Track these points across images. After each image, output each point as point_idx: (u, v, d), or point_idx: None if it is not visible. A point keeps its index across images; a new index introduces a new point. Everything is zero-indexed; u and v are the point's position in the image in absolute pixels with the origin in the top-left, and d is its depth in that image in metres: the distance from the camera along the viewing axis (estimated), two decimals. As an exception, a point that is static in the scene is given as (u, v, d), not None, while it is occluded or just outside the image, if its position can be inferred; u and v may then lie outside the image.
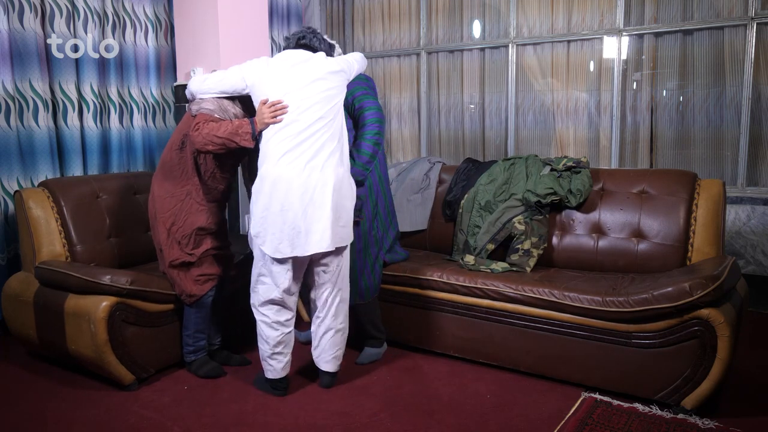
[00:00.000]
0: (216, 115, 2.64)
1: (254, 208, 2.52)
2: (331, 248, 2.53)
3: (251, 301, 2.65)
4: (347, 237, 2.64)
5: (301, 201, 2.46)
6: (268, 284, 2.57)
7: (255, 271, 2.62)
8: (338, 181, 2.53)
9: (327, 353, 2.75)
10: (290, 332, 2.66)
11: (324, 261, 2.63)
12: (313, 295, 2.74)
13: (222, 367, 2.92)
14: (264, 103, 2.51)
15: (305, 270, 2.67)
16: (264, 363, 2.68)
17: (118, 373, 2.71)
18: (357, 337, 3.07)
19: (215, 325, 3.00)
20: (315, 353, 2.77)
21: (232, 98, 2.70)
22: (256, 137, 2.55)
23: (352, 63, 2.75)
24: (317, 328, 2.74)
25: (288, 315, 2.64)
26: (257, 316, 2.64)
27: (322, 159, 2.50)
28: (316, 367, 2.80)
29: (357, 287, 2.96)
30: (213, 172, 2.79)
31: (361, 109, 2.80)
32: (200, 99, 2.68)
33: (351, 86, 2.77)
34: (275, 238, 2.47)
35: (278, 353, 2.64)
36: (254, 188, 2.53)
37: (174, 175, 2.80)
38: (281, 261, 2.53)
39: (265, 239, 2.49)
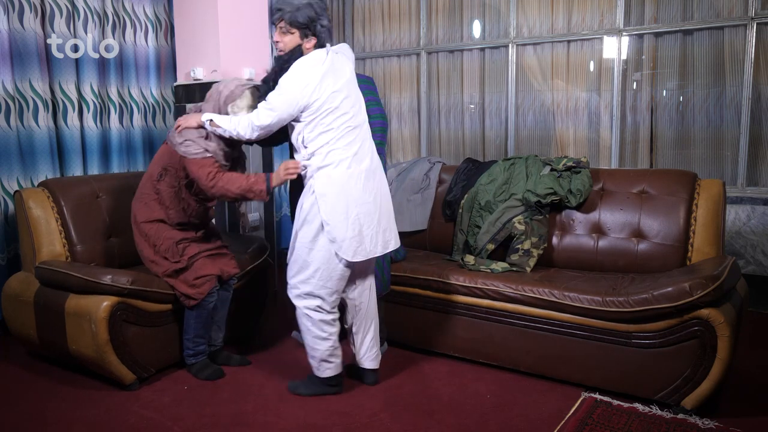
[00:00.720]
0: (213, 158, 2.68)
1: (331, 215, 2.42)
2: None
3: (309, 305, 2.55)
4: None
5: (375, 201, 2.52)
6: (330, 287, 2.54)
7: (313, 276, 2.52)
8: (387, 179, 2.64)
9: (372, 350, 2.78)
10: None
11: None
12: (354, 294, 2.71)
13: (222, 370, 2.91)
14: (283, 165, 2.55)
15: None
16: (322, 364, 2.63)
17: (119, 372, 2.71)
18: None
19: (216, 324, 3.00)
20: (360, 353, 2.78)
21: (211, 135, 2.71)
22: (271, 191, 2.60)
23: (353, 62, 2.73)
24: (360, 325, 2.75)
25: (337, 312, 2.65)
26: (318, 317, 2.56)
27: (375, 160, 2.59)
28: (359, 368, 2.81)
29: None
30: (194, 209, 2.86)
31: (368, 115, 2.80)
32: (184, 139, 2.69)
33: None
34: (355, 241, 2.46)
35: (337, 348, 2.64)
36: (325, 194, 2.43)
37: (149, 202, 2.85)
38: (349, 264, 2.52)
39: (342, 244, 2.45)
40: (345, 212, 2.43)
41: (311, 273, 2.52)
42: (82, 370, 2.91)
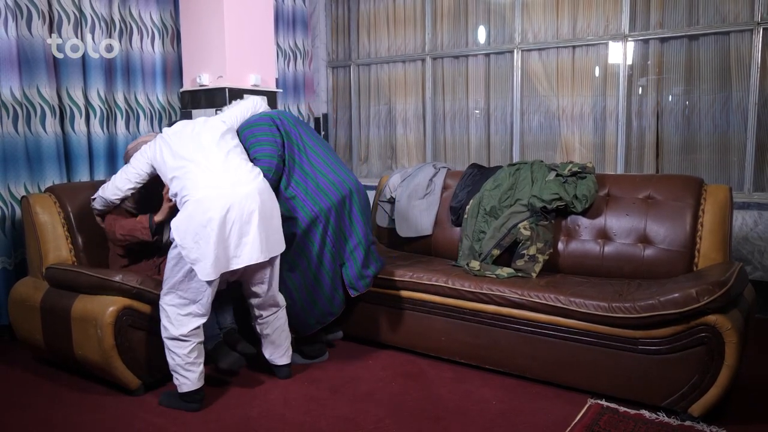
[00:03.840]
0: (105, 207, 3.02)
1: (185, 237, 2.47)
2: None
3: (171, 335, 2.55)
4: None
5: (229, 219, 2.53)
6: (193, 311, 2.56)
7: (178, 301, 2.56)
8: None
9: (282, 347, 2.94)
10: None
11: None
12: (256, 301, 2.85)
13: (242, 357, 2.81)
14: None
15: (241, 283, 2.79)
16: (176, 371, 2.60)
17: (125, 378, 2.71)
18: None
19: (215, 311, 2.90)
20: (267, 352, 2.94)
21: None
22: (154, 229, 2.87)
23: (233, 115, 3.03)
24: (265, 329, 2.90)
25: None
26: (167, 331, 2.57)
27: (236, 181, 2.63)
28: (271, 365, 2.97)
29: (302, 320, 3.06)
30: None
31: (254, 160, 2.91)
32: (92, 198, 3.02)
33: (244, 134, 2.98)
34: (209, 260, 2.47)
35: (192, 363, 2.58)
36: (177, 225, 2.50)
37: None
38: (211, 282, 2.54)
39: (201, 262, 2.47)
40: (199, 232, 2.46)
41: (175, 299, 2.57)
42: (88, 375, 2.91)
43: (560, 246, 3.26)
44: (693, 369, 2.41)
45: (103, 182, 3.46)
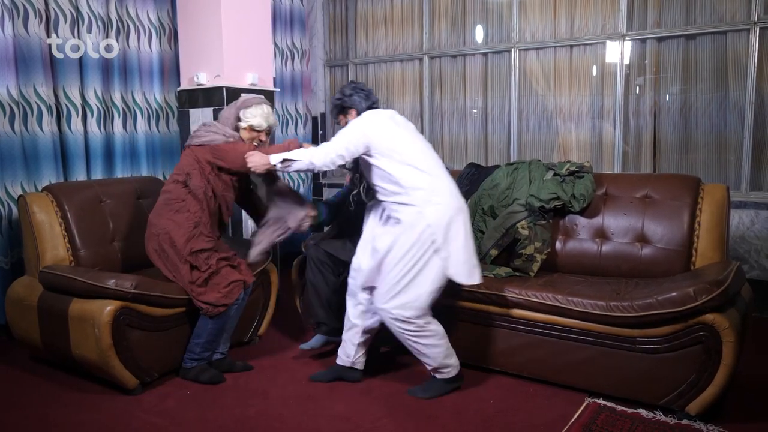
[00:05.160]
0: (233, 140, 2.93)
1: (447, 242, 2.57)
2: None
3: (420, 321, 2.63)
4: None
5: (467, 228, 2.68)
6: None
7: (432, 295, 2.64)
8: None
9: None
10: None
11: None
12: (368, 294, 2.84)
13: (222, 374, 2.91)
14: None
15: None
16: (443, 364, 2.71)
17: (122, 377, 2.71)
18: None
19: (227, 332, 2.99)
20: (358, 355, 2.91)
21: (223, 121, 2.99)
22: (277, 166, 2.72)
23: None
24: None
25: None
26: (430, 326, 2.67)
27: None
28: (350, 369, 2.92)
29: None
30: (220, 207, 2.99)
31: None
32: (207, 130, 2.91)
33: None
34: (467, 264, 2.64)
35: (450, 347, 2.74)
36: (444, 221, 2.57)
37: (173, 215, 2.87)
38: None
39: (456, 268, 2.62)
40: (456, 238, 2.58)
41: (419, 295, 2.61)
42: (86, 375, 2.91)
43: (558, 245, 3.26)
44: (690, 368, 2.41)
45: (101, 181, 3.47)
